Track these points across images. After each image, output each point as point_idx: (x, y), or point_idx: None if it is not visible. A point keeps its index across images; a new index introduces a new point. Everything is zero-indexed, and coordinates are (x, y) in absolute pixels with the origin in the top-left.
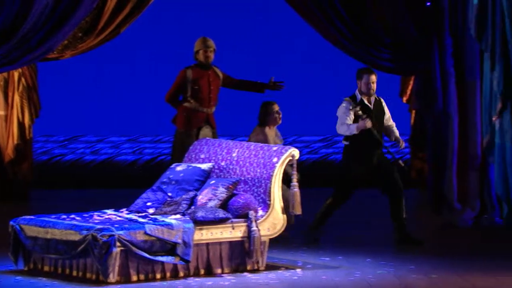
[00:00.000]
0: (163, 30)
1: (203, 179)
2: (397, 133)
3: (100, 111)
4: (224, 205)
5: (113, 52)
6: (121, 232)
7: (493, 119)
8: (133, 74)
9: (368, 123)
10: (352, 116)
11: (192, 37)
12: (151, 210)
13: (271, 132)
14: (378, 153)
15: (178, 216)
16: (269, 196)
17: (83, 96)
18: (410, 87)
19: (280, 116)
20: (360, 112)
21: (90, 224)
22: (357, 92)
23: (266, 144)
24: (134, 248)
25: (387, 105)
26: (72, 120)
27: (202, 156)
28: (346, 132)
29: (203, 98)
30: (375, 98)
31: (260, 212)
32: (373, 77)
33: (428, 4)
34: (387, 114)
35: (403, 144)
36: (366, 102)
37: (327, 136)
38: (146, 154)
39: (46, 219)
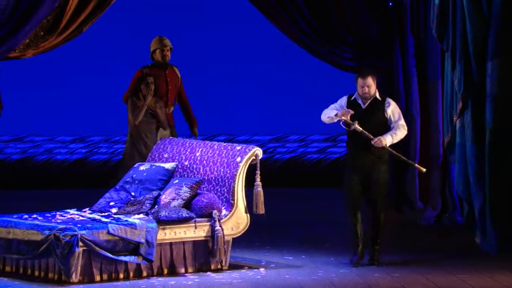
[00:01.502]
0: (125, 30)
1: (166, 178)
2: (386, 135)
3: (58, 110)
4: (188, 204)
5: (74, 51)
6: (83, 232)
7: (454, 118)
8: (95, 73)
9: (345, 115)
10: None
11: (152, 37)
12: (114, 210)
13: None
14: (369, 158)
15: (141, 215)
16: (233, 195)
17: (45, 96)
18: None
19: (151, 87)
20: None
21: (53, 224)
22: (356, 92)
23: (230, 144)
24: (97, 248)
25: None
26: (34, 119)
27: (166, 155)
28: (326, 116)
29: (161, 98)
30: (376, 99)
31: (224, 212)
32: (368, 80)
33: (390, 4)
34: (391, 117)
35: (375, 142)
36: (360, 101)
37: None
38: (101, 153)
39: (8, 219)
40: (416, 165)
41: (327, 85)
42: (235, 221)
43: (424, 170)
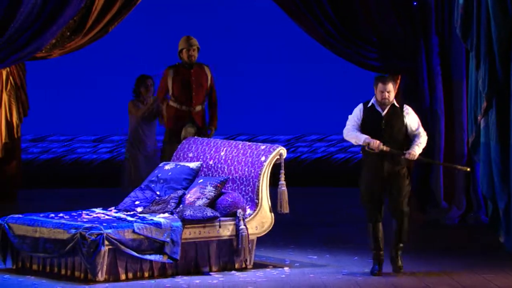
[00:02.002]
0: (150, 29)
1: (191, 177)
2: (414, 146)
3: (83, 110)
4: (212, 203)
5: (100, 51)
6: (109, 230)
7: (478, 118)
8: (121, 73)
9: (375, 144)
10: (358, 121)
11: (177, 36)
12: (139, 209)
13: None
14: (388, 165)
15: (166, 214)
16: (257, 194)
17: (71, 95)
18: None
19: (151, 90)
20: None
21: (79, 223)
22: (373, 98)
23: (254, 143)
24: (122, 247)
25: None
26: (61, 119)
27: (190, 154)
28: (352, 140)
29: (185, 96)
30: (394, 106)
31: (248, 211)
32: (389, 86)
33: (415, 3)
34: (411, 125)
35: (408, 156)
36: (378, 108)
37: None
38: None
39: (35, 217)
40: (458, 166)
41: (347, 83)
42: (260, 220)
43: (468, 169)
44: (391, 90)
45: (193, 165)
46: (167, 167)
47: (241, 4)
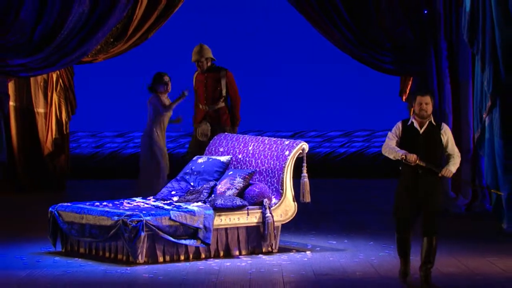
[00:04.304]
0: (186, 35)
1: (222, 170)
2: (450, 165)
3: (128, 109)
4: (241, 193)
5: (142, 55)
6: (148, 218)
7: (484, 115)
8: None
9: (412, 157)
10: (397, 138)
11: (213, 41)
12: (175, 198)
13: (164, 98)
14: (423, 182)
15: (199, 203)
16: (282, 185)
17: (115, 96)
18: (409, 87)
19: (169, 85)
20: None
21: (121, 211)
22: (412, 116)
23: (279, 139)
24: (160, 232)
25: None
26: (104, 116)
27: (221, 149)
28: (390, 155)
29: (200, 97)
30: (431, 123)
31: (274, 200)
32: (426, 98)
33: (425, 11)
34: (448, 143)
35: (444, 173)
36: (416, 126)
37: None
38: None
39: (81, 206)
40: (493, 190)
41: (350, 83)
42: (284, 209)
43: (502, 193)
44: (429, 102)
45: (223, 158)
46: (200, 160)
47: (264, 9)
